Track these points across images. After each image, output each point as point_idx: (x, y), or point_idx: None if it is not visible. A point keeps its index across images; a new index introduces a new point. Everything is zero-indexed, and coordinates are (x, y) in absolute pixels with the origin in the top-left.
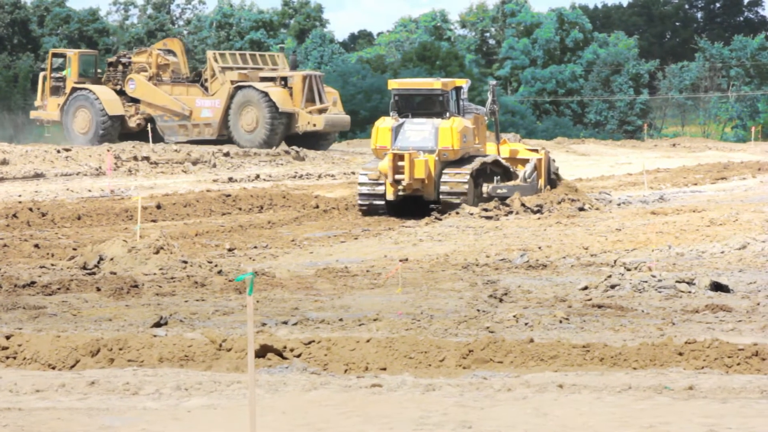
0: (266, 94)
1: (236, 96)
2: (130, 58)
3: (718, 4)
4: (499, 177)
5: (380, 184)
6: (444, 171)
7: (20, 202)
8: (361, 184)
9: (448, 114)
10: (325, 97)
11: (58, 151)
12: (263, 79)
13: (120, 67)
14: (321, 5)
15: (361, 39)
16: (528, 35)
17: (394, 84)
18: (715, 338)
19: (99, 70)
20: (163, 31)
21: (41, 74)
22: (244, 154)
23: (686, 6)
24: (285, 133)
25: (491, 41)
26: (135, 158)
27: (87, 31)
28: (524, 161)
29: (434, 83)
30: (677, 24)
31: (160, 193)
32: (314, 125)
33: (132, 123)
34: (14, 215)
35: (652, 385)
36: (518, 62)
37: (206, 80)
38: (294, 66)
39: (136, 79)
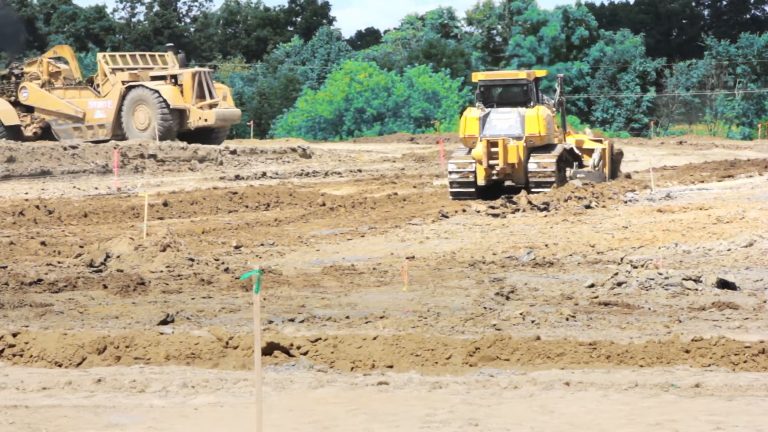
0: (157, 92)
1: (128, 96)
2: (22, 69)
3: (724, 2)
4: (577, 163)
5: (471, 170)
6: (531, 156)
7: (27, 200)
8: (451, 172)
9: (532, 103)
10: (215, 92)
11: (65, 149)
12: (154, 78)
13: (13, 79)
14: (328, 2)
15: (368, 36)
16: (534, 33)
17: (480, 75)
18: (721, 336)
19: None
20: (169, 28)
21: None
22: (251, 151)
23: (693, 3)
24: (178, 130)
25: (498, 39)
26: (142, 156)
27: (93, 29)
28: (589, 151)
29: (520, 73)
30: (684, 21)
31: (166, 190)
32: (206, 120)
33: (28, 132)
34: (21, 213)
35: (658, 383)
36: (525, 60)
37: (98, 85)
38: (184, 64)
39: (28, 87)
